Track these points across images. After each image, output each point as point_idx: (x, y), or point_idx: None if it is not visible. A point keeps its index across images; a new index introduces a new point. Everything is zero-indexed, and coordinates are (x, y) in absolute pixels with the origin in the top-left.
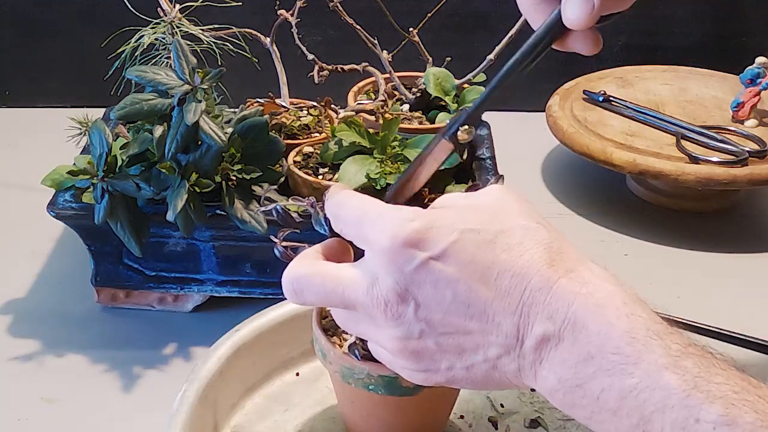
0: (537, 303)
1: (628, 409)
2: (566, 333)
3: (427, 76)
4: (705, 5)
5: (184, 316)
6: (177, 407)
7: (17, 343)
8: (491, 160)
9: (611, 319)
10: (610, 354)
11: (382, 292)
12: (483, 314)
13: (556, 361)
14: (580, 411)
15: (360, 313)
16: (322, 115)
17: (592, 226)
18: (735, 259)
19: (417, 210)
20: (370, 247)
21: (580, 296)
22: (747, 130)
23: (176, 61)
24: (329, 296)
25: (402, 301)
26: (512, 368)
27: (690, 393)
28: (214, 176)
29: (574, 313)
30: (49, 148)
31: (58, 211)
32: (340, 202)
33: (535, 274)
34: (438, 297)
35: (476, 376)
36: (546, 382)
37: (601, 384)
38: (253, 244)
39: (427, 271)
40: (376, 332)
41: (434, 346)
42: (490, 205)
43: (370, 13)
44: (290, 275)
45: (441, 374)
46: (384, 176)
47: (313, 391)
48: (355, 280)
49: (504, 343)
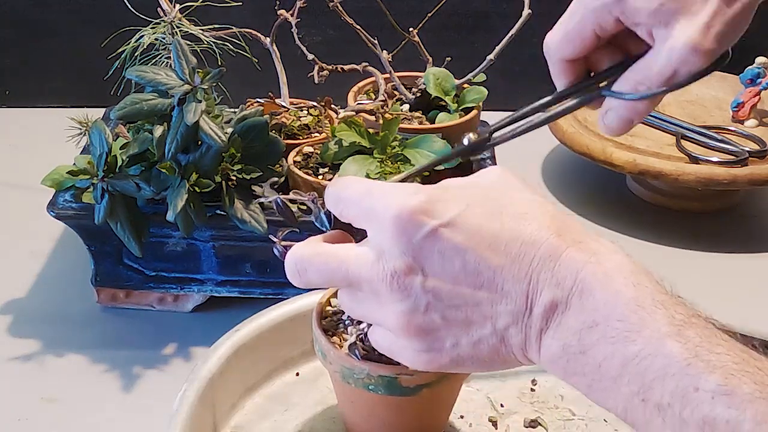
0: (546, 270)
1: (629, 377)
2: (573, 300)
3: (427, 76)
4: None
5: (184, 316)
6: (177, 407)
7: (17, 343)
8: (491, 160)
9: (618, 288)
10: (615, 321)
11: (389, 264)
12: (492, 282)
13: (561, 328)
14: (581, 379)
15: (364, 292)
16: (322, 115)
17: (592, 226)
18: (735, 259)
19: (421, 185)
20: (377, 219)
21: (589, 264)
22: (747, 130)
23: (176, 61)
24: (333, 274)
25: (409, 272)
26: (518, 340)
27: (691, 362)
28: (214, 176)
29: (582, 281)
30: (49, 148)
31: (58, 211)
32: (343, 185)
33: (544, 242)
34: (446, 266)
35: (482, 352)
36: (548, 351)
37: (604, 351)
38: (253, 244)
39: (436, 239)
40: (379, 311)
41: (440, 321)
42: (493, 181)
43: (370, 13)
44: (293, 256)
45: (446, 353)
46: (384, 176)
47: (313, 391)
48: (359, 256)
49: (513, 310)
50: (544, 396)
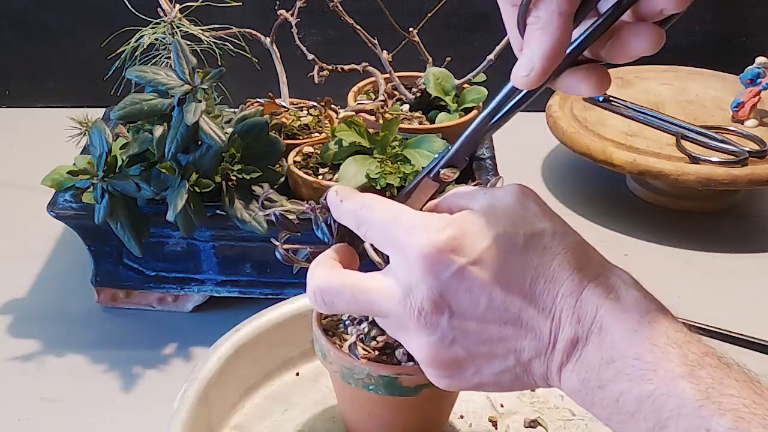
0: (568, 307)
1: (645, 413)
2: (592, 336)
3: (427, 76)
4: (705, 5)
5: (184, 316)
6: (177, 407)
7: (17, 343)
8: (491, 160)
9: (635, 326)
10: (631, 359)
11: (416, 300)
12: (517, 319)
13: (581, 362)
14: (601, 411)
15: (391, 322)
16: (322, 115)
17: (592, 226)
18: (735, 259)
19: (446, 216)
20: (403, 254)
21: (608, 301)
22: (747, 130)
23: (176, 61)
24: (361, 308)
25: (437, 310)
26: (541, 371)
27: (703, 403)
28: (214, 176)
29: (602, 318)
30: (49, 148)
31: (58, 211)
32: (365, 204)
33: (566, 279)
34: (473, 303)
35: (504, 380)
36: (569, 383)
37: (620, 387)
38: (253, 244)
39: (464, 277)
40: (407, 340)
41: (465, 354)
42: (512, 206)
43: (370, 13)
44: (319, 287)
45: (467, 380)
46: (384, 176)
47: (312, 391)
48: (386, 291)
49: (537, 346)
50: (544, 396)
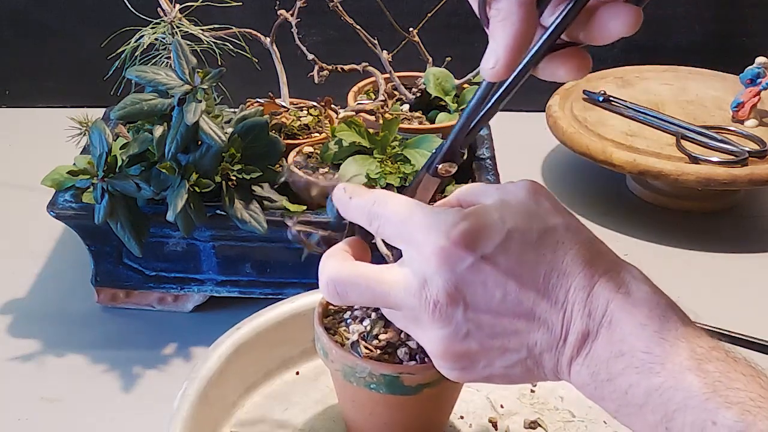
0: (579, 301)
1: (653, 406)
2: (602, 330)
3: (427, 76)
4: (705, 5)
5: (184, 316)
6: (177, 406)
7: (17, 343)
8: (491, 160)
9: (644, 320)
10: (640, 353)
11: (432, 293)
12: (530, 313)
13: (591, 356)
14: (609, 404)
15: (404, 314)
16: (322, 115)
17: (592, 226)
18: (735, 259)
19: (460, 210)
20: (418, 248)
21: (618, 296)
22: (747, 130)
23: (176, 61)
24: (375, 299)
25: (452, 302)
26: (552, 364)
27: (709, 396)
28: (214, 176)
29: (612, 312)
30: (49, 148)
31: (58, 211)
32: (378, 200)
33: (578, 273)
34: (487, 297)
35: (514, 372)
36: (579, 376)
37: (629, 380)
38: (253, 244)
39: (479, 271)
40: (419, 333)
41: (477, 347)
42: (525, 201)
43: (370, 13)
44: (332, 277)
45: (477, 372)
46: (384, 176)
47: (313, 390)
48: (400, 283)
49: (549, 340)
50: (544, 397)
